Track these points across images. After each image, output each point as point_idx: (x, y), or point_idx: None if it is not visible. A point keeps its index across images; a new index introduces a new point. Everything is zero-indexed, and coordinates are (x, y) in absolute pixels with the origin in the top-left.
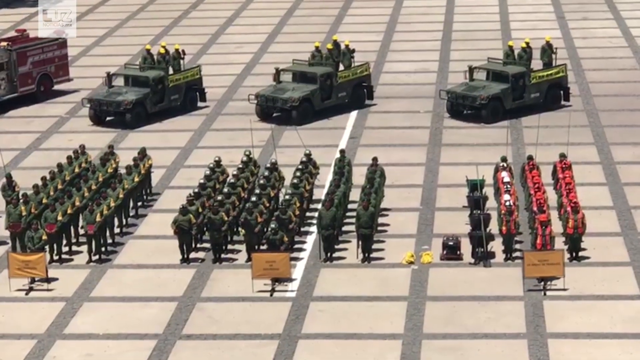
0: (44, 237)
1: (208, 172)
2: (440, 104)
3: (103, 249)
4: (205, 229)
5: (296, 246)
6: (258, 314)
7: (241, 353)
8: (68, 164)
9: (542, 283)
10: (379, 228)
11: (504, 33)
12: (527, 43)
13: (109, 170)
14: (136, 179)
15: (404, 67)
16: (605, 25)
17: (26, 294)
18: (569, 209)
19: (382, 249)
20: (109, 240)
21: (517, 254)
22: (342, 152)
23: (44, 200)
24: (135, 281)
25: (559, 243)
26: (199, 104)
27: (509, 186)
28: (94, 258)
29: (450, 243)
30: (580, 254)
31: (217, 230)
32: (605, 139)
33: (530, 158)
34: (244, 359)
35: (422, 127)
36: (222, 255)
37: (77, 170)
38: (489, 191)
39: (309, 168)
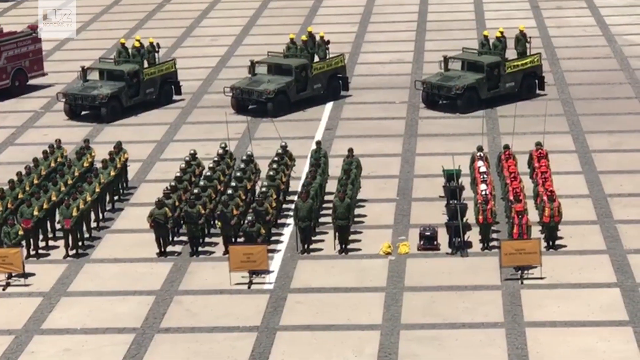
0: (20, 233)
1: (184, 166)
2: (415, 94)
3: (80, 243)
4: (181, 222)
5: (273, 238)
6: (236, 306)
7: (219, 346)
8: (44, 159)
9: (519, 272)
10: (356, 219)
11: (479, 23)
12: (502, 32)
13: (85, 164)
14: (112, 173)
15: (379, 58)
16: (580, 14)
17: (3, 289)
18: (545, 197)
19: (359, 240)
20: (86, 235)
21: (494, 243)
22: (318, 143)
23: (20, 196)
24: (112, 275)
25: (536, 232)
26: (175, 97)
27: (485, 176)
28: (70, 253)
29: (427, 233)
30: (557, 242)
31: (193, 224)
32: (580, 127)
33: (506, 147)
34: (222, 351)
35: (397, 118)
36: (199, 249)
37: (53, 164)
38: (465, 181)
39: (285, 160)
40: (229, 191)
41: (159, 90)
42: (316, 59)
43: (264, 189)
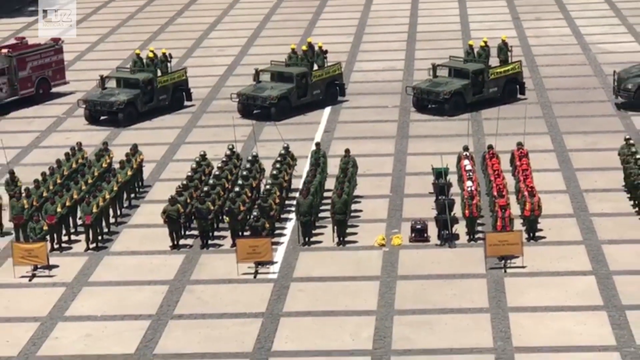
0: (45, 228)
1: (194, 166)
2: (406, 99)
3: (99, 237)
4: (192, 217)
5: (277, 232)
6: (243, 294)
7: (228, 331)
8: (66, 160)
9: (503, 261)
10: (353, 214)
11: (464, 33)
12: (485, 42)
13: (104, 165)
14: (129, 173)
15: (372, 66)
16: (557, 25)
17: (29, 280)
18: (526, 193)
19: (355, 233)
20: (105, 230)
21: (479, 235)
22: (317, 144)
23: (44, 194)
24: (129, 267)
25: (518, 225)
26: (186, 103)
27: (470, 173)
28: (91, 246)
29: (418, 226)
30: (537, 234)
31: (204, 219)
32: (558, 128)
33: (490, 147)
34: (230, 336)
35: (390, 121)
36: (209, 242)
37: (74, 165)
38: (452, 178)
39: (287, 160)
40: (236, 189)
41: (171, 96)
42: (315, 67)
43: (268, 187)
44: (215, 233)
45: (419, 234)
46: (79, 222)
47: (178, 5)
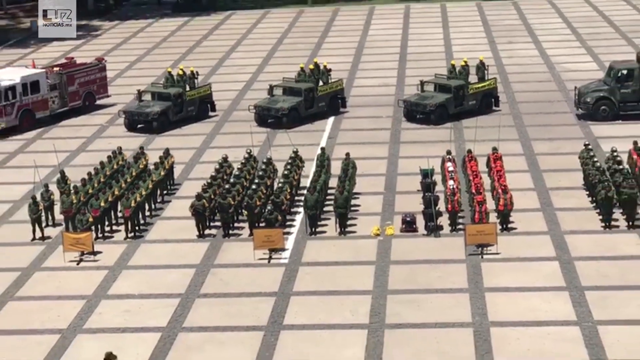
0: (90, 220)
1: (217, 167)
2: (398, 110)
3: (137, 228)
4: (216, 211)
5: (288, 223)
6: (259, 277)
7: (246, 308)
8: (108, 162)
9: (480, 249)
10: (352, 208)
11: (447, 54)
12: (466, 62)
13: (141, 166)
14: (162, 173)
15: (369, 82)
16: (527, 47)
17: (77, 264)
18: (500, 190)
19: (354, 225)
20: (142, 221)
21: (460, 226)
22: (322, 149)
23: (90, 191)
24: (162, 253)
25: (493, 217)
26: (210, 113)
27: (452, 174)
28: (130, 235)
29: (408, 219)
30: (509, 226)
31: (225, 212)
32: (527, 135)
33: (469, 151)
34: (248, 312)
35: (384, 129)
36: (230, 232)
37: (115, 167)
38: (437, 178)
39: (296, 162)
40: (253, 187)
41: (198, 108)
42: (321, 83)
43: (280, 185)
44: (235, 224)
45: (408, 226)
46: (120, 214)
47: (204, 30)
